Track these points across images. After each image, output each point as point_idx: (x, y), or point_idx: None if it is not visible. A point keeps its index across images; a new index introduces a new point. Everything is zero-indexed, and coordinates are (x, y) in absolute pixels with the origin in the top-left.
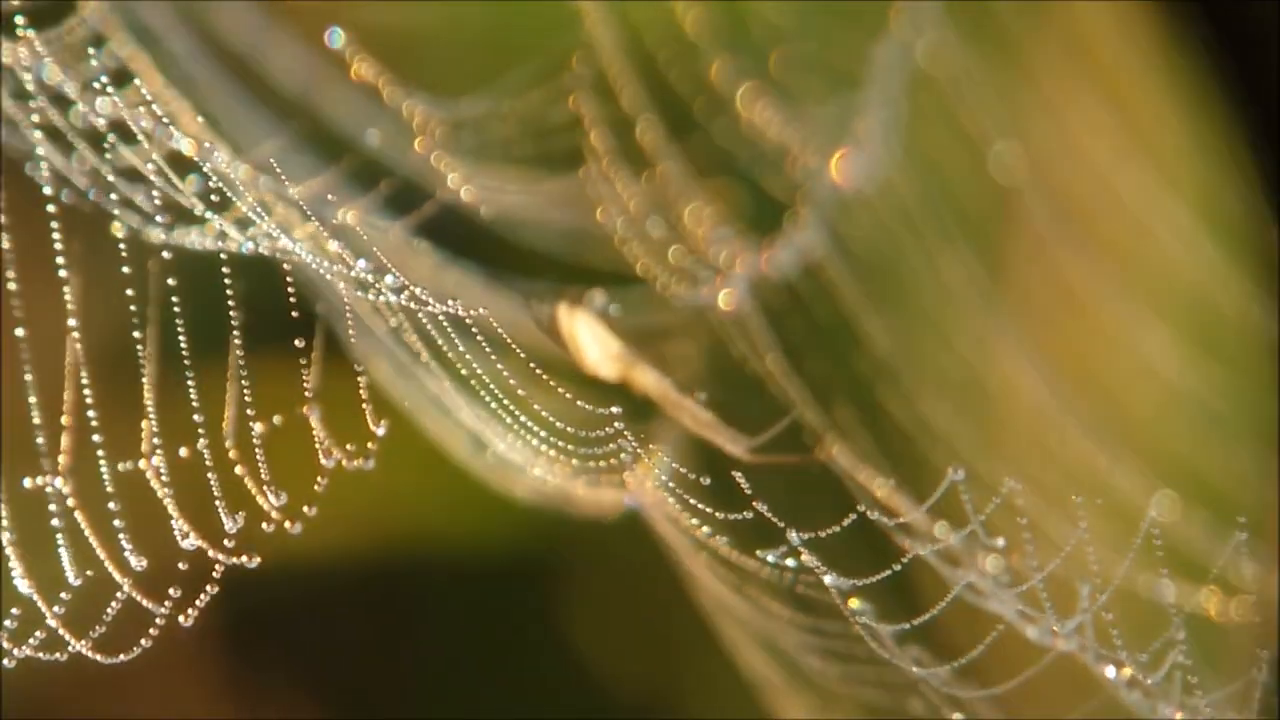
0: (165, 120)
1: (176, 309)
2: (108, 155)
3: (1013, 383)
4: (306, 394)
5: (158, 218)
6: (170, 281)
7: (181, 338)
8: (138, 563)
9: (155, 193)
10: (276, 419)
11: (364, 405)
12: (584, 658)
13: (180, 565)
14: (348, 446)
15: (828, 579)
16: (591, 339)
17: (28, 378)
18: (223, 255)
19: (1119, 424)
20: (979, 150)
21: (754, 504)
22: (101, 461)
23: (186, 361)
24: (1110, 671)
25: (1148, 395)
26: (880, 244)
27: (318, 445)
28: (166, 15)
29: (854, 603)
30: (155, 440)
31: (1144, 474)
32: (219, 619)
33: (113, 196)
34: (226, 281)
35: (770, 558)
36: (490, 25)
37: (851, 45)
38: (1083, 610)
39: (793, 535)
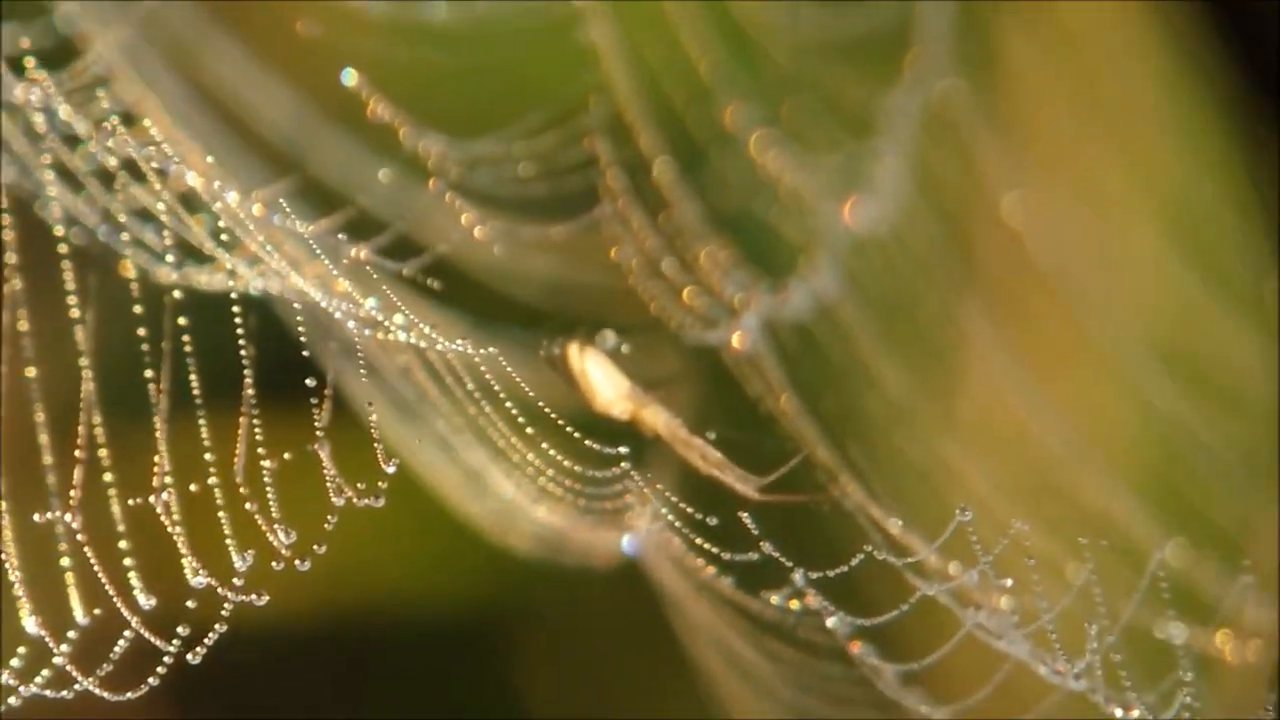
0: (176, 159)
1: (188, 346)
2: (118, 194)
3: (1023, 425)
4: (318, 431)
5: (168, 256)
6: (181, 319)
7: (193, 375)
8: (146, 601)
9: (165, 232)
10: (287, 455)
11: (375, 444)
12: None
13: (189, 603)
14: (358, 485)
15: (830, 621)
16: (603, 378)
17: (39, 416)
18: (233, 294)
19: (1127, 467)
20: (990, 195)
21: (761, 545)
22: (112, 498)
23: (197, 399)
24: (1118, 712)
25: (1155, 439)
26: (893, 287)
27: (328, 483)
28: (172, 61)
29: (857, 645)
30: (166, 478)
31: (1152, 517)
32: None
33: (123, 236)
34: (237, 319)
35: (776, 599)
36: (507, 66)
37: (865, 91)
38: (1091, 650)
39: (798, 576)
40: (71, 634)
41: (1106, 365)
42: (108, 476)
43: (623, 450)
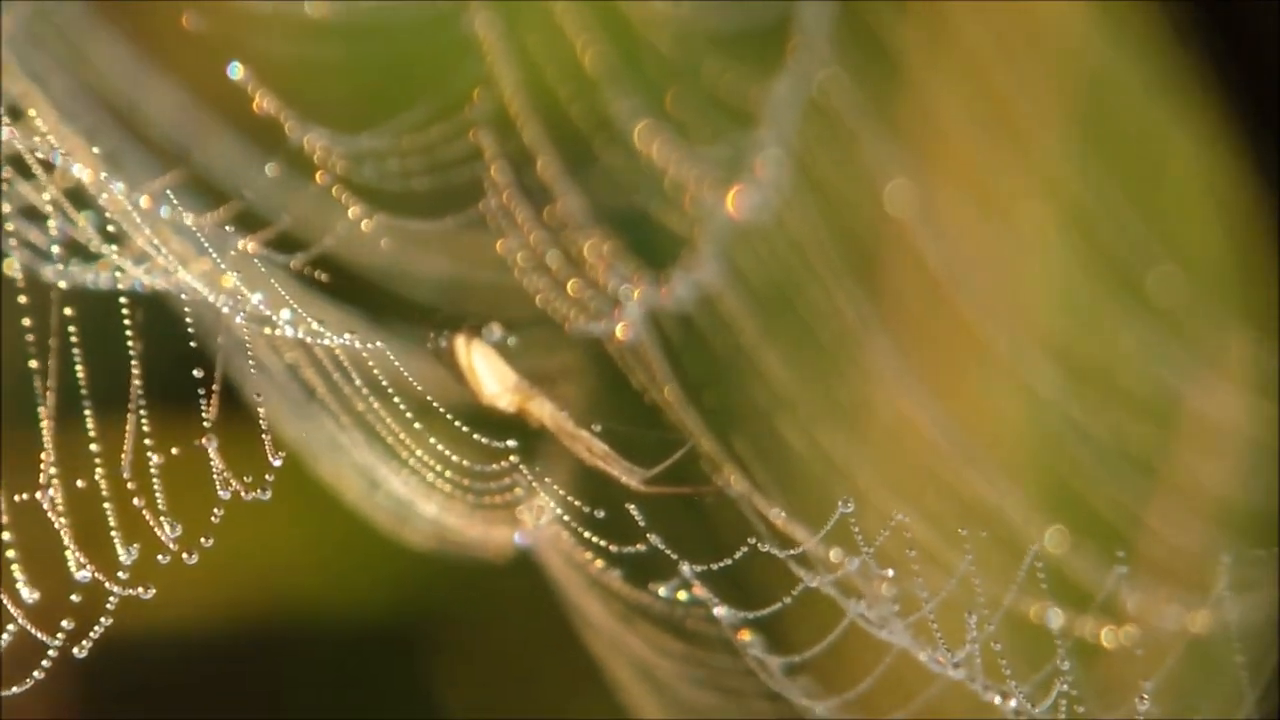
0: (63, 152)
1: (74, 341)
2: (4, 190)
3: (905, 415)
4: (205, 425)
5: (54, 253)
6: (68, 312)
7: (79, 369)
8: (30, 595)
9: (52, 228)
10: (175, 450)
11: (263, 436)
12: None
13: (74, 598)
14: (245, 478)
15: (718, 611)
16: (489, 371)
17: None
18: (120, 289)
19: (1011, 457)
20: (873, 184)
21: (648, 537)
22: None
23: (84, 393)
24: (997, 700)
25: (1039, 429)
26: (776, 276)
27: (215, 476)
28: (58, 57)
29: (744, 635)
30: (52, 471)
31: (1035, 507)
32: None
33: (9, 232)
34: (125, 313)
35: (663, 591)
36: (391, 59)
37: (747, 82)
38: (971, 640)
39: (686, 568)
40: None
41: (990, 356)
42: None
43: (511, 444)
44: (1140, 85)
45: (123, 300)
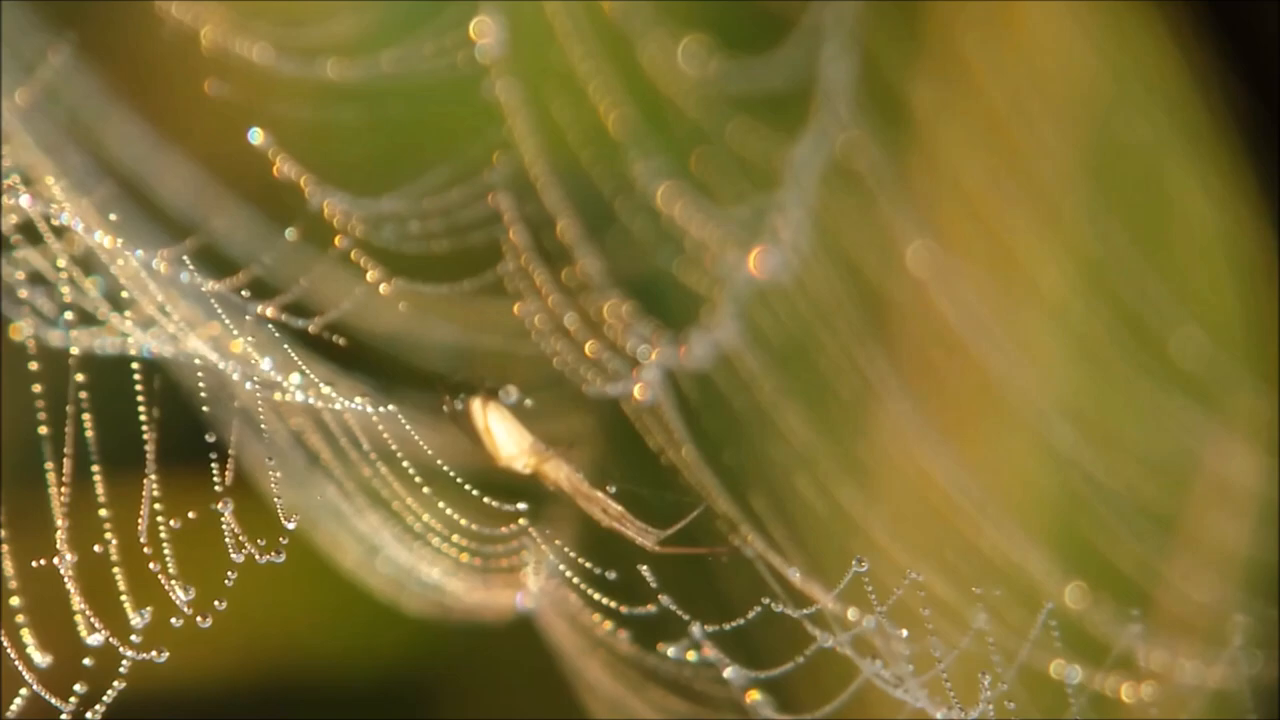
0: (77, 220)
1: (88, 405)
2: (17, 256)
3: (923, 472)
4: (217, 489)
5: (64, 318)
6: (81, 377)
7: (90, 433)
8: (42, 659)
9: (63, 293)
10: (191, 515)
11: (275, 500)
12: None
13: (86, 661)
14: (259, 541)
15: (727, 672)
16: (505, 433)
17: None
18: (131, 355)
19: (1029, 514)
20: (894, 245)
21: (660, 598)
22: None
23: (95, 458)
24: None
25: (1057, 486)
26: (795, 335)
27: (228, 540)
28: (72, 128)
29: (753, 695)
30: (65, 536)
31: (1054, 563)
32: None
33: (21, 296)
34: (138, 378)
35: (672, 652)
36: (411, 123)
37: (770, 144)
38: (985, 700)
39: (696, 629)
40: None
41: (1008, 414)
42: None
43: (521, 507)
44: (1156, 143)
45: (135, 365)
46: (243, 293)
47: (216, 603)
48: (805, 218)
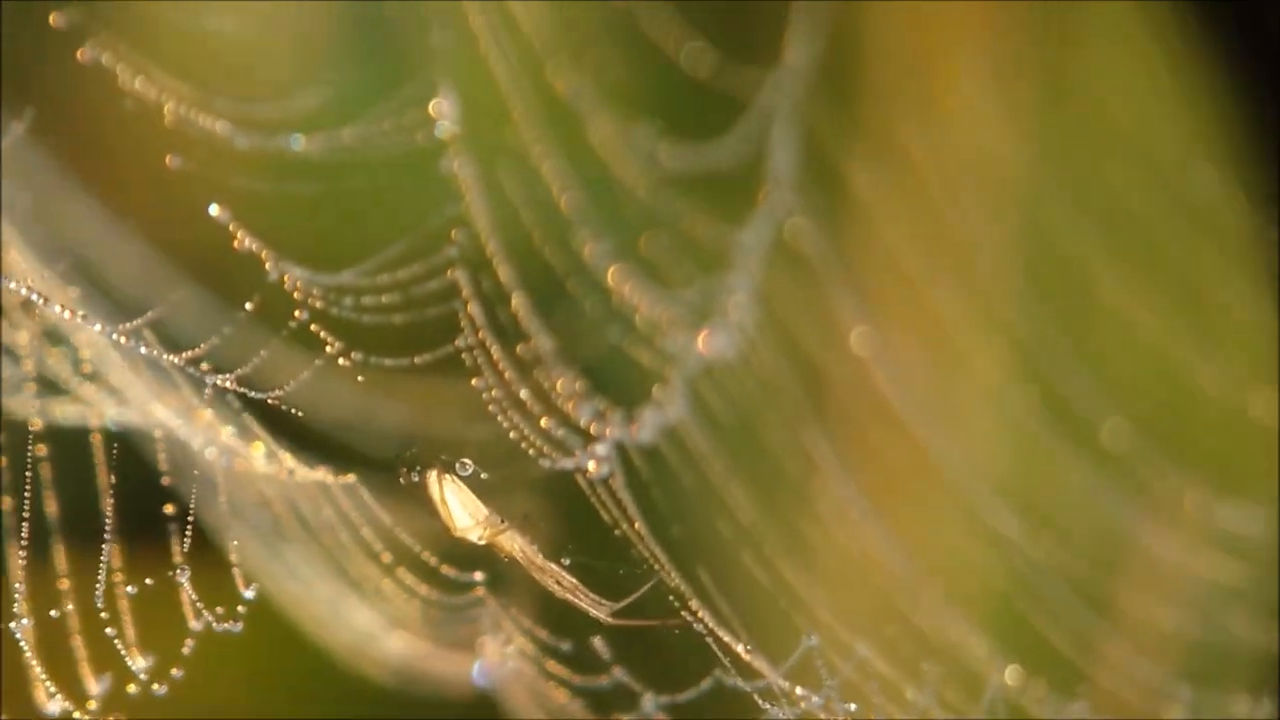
0: (39, 295)
1: (47, 473)
2: None
3: (867, 551)
4: (176, 559)
5: (27, 390)
6: (40, 448)
7: (50, 502)
8: None
9: (25, 365)
10: (149, 581)
11: (233, 569)
12: None
13: None
14: (217, 609)
15: None
16: (459, 504)
17: None
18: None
19: (968, 593)
20: (836, 326)
21: (614, 669)
22: None
23: (55, 528)
24: None
25: (995, 566)
26: (744, 413)
27: (187, 607)
28: (31, 203)
29: None
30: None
31: (991, 642)
32: None
33: None
34: (97, 448)
35: None
36: (370, 197)
37: (718, 227)
38: None
39: (648, 700)
40: None
41: (946, 493)
42: None
43: (478, 577)
44: (1085, 229)
45: (95, 436)
46: (202, 365)
47: (174, 671)
48: (752, 299)
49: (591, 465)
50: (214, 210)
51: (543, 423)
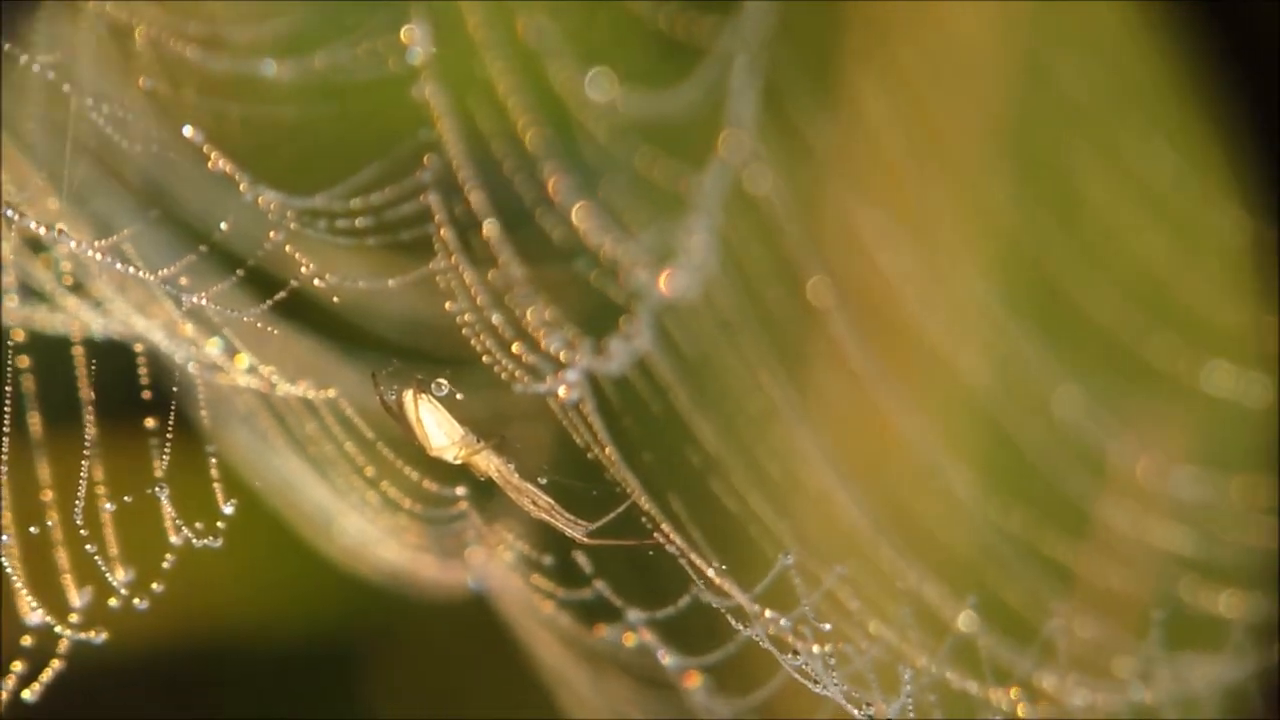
0: (18, 208)
1: (28, 388)
2: None
3: (824, 489)
4: (158, 473)
5: (11, 297)
6: (22, 361)
7: (32, 415)
8: None
9: (8, 274)
10: (128, 498)
11: (214, 484)
12: None
13: (25, 641)
14: (196, 525)
15: (663, 658)
16: (435, 424)
17: None
18: (75, 337)
19: (914, 532)
20: (792, 268)
21: (595, 583)
22: None
23: (37, 440)
24: None
25: (949, 514)
26: (706, 351)
27: (167, 523)
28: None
29: (693, 680)
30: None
31: (950, 587)
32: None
33: None
34: (78, 361)
35: (609, 634)
36: (343, 121)
37: (679, 169)
38: (905, 693)
39: (631, 615)
40: None
41: (899, 436)
42: None
43: (460, 491)
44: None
45: (76, 349)
46: (181, 280)
47: (155, 586)
48: (711, 239)
49: (562, 390)
50: (188, 131)
51: (514, 348)
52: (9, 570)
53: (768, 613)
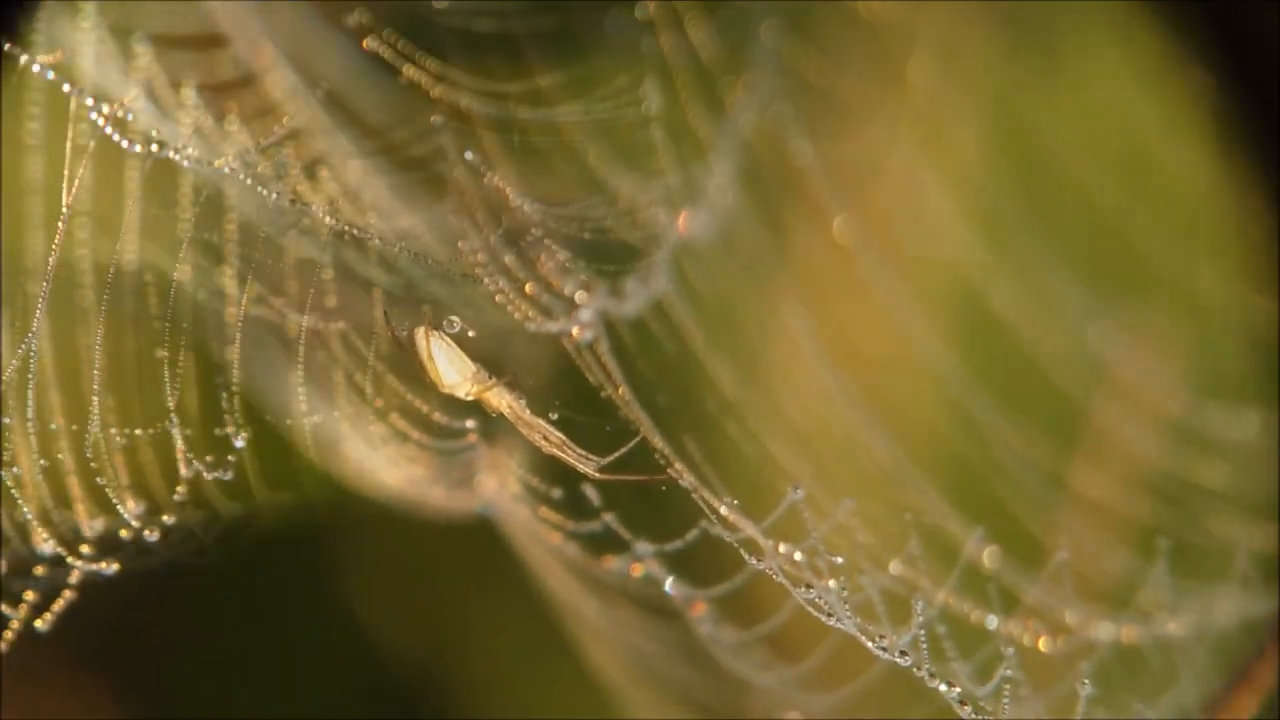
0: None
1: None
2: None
3: (845, 425)
4: (169, 405)
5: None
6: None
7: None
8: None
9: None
10: (138, 431)
11: (225, 417)
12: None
13: (37, 571)
14: (207, 458)
15: (669, 588)
16: (447, 361)
17: None
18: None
19: (937, 466)
20: (812, 210)
21: (603, 516)
22: None
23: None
24: (942, 687)
25: (964, 442)
26: (723, 292)
27: (179, 456)
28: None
29: (700, 609)
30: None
31: (959, 513)
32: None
33: None
34: (93, 295)
35: (617, 565)
36: None
37: (701, 111)
38: (916, 625)
39: (639, 547)
40: None
41: (921, 379)
42: None
43: (470, 425)
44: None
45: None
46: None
47: (165, 518)
48: (731, 181)
49: (575, 330)
50: None
51: (528, 288)
52: (20, 502)
53: (781, 547)
